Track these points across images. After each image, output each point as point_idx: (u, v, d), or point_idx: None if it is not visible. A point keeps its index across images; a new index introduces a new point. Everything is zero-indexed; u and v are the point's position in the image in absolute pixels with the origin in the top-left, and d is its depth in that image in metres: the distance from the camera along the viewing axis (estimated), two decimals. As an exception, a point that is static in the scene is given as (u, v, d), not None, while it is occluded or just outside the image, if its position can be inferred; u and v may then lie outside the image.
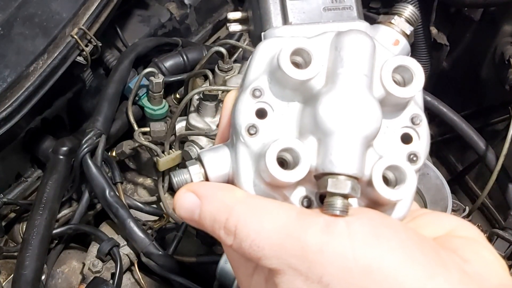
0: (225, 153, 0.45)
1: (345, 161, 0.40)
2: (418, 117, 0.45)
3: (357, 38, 0.43)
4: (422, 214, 0.46)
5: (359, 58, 0.42)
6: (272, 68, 0.44)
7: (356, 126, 0.40)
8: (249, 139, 0.43)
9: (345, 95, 0.41)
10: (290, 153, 0.41)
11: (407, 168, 0.41)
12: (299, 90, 0.44)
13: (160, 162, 1.10)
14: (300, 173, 0.40)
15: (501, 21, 1.32)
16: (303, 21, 0.48)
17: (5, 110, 0.97)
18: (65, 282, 1.04)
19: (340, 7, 0.49)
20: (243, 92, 0.44)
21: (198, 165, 0.45)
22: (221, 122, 0.49)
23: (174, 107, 1.22)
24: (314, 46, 0.42)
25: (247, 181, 0.43)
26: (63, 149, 1.07)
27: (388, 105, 0.43)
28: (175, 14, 1.41)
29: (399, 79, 0.44)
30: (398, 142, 0.45)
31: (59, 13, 1.06)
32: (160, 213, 1.11)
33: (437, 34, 1.45)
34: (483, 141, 1.09)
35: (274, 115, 0.44)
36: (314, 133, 0.42)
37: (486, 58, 1.37)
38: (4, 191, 1.12)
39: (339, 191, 0.39)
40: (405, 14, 0.50)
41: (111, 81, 1.15)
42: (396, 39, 0.49)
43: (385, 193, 0.40)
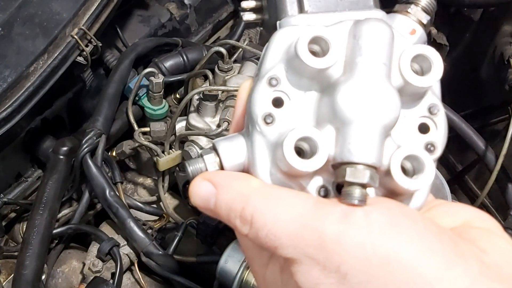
0: (240, 142, 0.45)
1: (363, 150, 0.39)
2: (436, 106, 0.45)
3: (376, 26, 0.42)
4: (439, 205, 0.45)
5: (377, 46, 0.42)
6: (289, 57, 0.43)
7: (375, 115, 0.40)
8: (266, 128, 0.43)
9: (363, 83, 0.40)
10: (307, 142, 0.41)
11: (426, 157, 0.41)
12: (316, 79, 0.43)
13: (160, 162, 1.10)
14: (318, 162, 0.40)
15: (500, 21, 1.32)
16: (319, 9, 0.48)
17: (5, 110, 0.97)
18: (65, 282, 1.05)
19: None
20: (259, 80, 0.44)
21: (213, 154, 0.45)
22: (236, 112, 0.49)
23: (174, 107, 1.22)
24: (332, 34, 0.42)
25: (264, 170, 0.43)
26: (63, 149, 1.07)
27: (406, 95, 0.43)
28: (175, 14, 1.41)
29: (417, 69, 0.43)
30: (416, 131, 0.45)
31: (59, 13, 1.06)
32: (160, 213, 1.11)
33: (437, 34, 1.45)
34: (483, 141, 1.09)
35: (291, 104, 0.43)
36: (332, 122, 0.41)
37: (485, 58, 1.37)
38: (4, 191, 1.12)
39: (358, 181, 0.39)
40: (422, 3, 0.50)
41: (111, 81, 1.15)
42: (413, 28, 0.49)
43: (404, 182, 0.40)
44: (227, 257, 0.96)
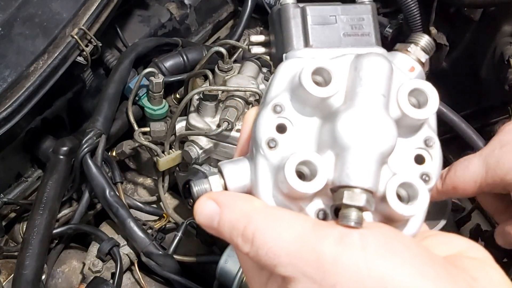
0: (244, 165, 0.47)
1: (361, 175, 0.41)
2: (432, 139, 0.47)
3: (376, 60, 0.45)
4: (433, 235, 0.47)
5: (377, 78, 0.44)
6: (294, 86, 0.46)
7: (373, 142, 0.42)
8: (269, 152, 0.45)
9: (363, 112, 0.43)
10: (308, 166, 0.43)
11: (420, 185, 0.43)
12: (318, 108, 0.46)
13: (160, 162, 1.10)
14: (317, 185, 0.42)
15: (500, 21, 1.32)
16: (324, 45, 0.50)
17: (5, 110, 0.97)
18: (65, 282, 1.05)
19: (359, 34, 0.51)
20: (265, 107, 0.46)
21: (218, 175, 0.47)
22: (241, 137, 0.52)
23: (174, 107, 1.22)
24: (335, 66, 0.45)
25: (266, 192, 0.45)
26: (63, 149, 1.07)
27: (403, 126, 0.45)
28: (175, 14, 1.41)
29: (414, 102, 0.46)
30: (412, 162, 0.47)
31: (59, 13, 1.06)
32: (160, 213, 1.11)
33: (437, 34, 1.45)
34: (483, 141, 1.09)
35: (294, 130, 0.46)
36: (332, 148, 0.43)
37: (485, 58, 1.37)
38: (4, 191, 1.12)
39: (355, 203, 0.41)
40: (421, 43, 0.53)
41: (111, 81, 1.15)
42: (412, 66, 0.51)
43: (398, 208, 0.42)
44: (227, 257, 0.96)
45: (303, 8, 0.51)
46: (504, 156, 0.79)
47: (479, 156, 0.82)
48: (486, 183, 0.81)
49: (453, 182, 0.84)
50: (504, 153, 0.79)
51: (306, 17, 0.51)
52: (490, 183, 0.80)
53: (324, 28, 0.51)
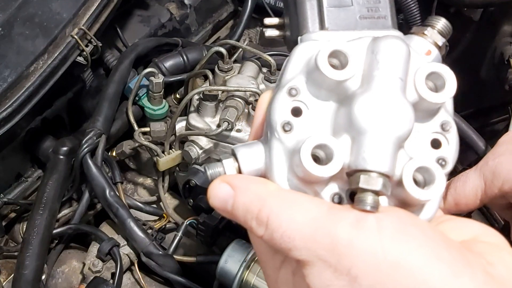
0: (259, 148, 0.46)
1: (377, 159, 0.41)
2: (448, 123, 0.47)
3: (393, 42, 0.44)
4: (448, 219, 0.47)
5: (394, 61, 0.44)
6: (309, 69, 0.45)
7: (390, 126, 0.42)
8: (284, 136, 0.44)
9: (380, 96, 0.42)
10: (323, 150, 0.42)
11: (437, 169, 0.42)
12: (334, 91, 0.45)
13: (160, 162, 1.10)
14: (333, 168, 0.41)
15: (500, 21, 1.32)
16: (339, 27, 0.49)
17: (5, 110, 0.97)
18: (65, 282, 1.05)
19: (376, 16, 0.50)
20: (280, 90, 0.46)
21: (232, 159, 0.47)
22: (255, 121, 0.51)
23: (174, 107, 1.22)
24: (351, 49, 0.44)
25: (281, 175, 0.45)
26: (64, 149, 1.07)
27: (419, 110, 0.45)
28: (175, 14, 1.40)
29: (432, 86, 0.45)
30: (428, 146, 0.46)
31: (59, 13, 1.06)
32: (160, 213, 1.11)
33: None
34: (483, 141, 1.09)
35: (309, 113, 0.45)
36: (348, 132, 0.43)
37: (485, 58, 1.37)
38: (4, 191, 1.12)
39: (371, 187, 0.40)
40: (438, 26, 0.52)
41: (111, 81, 1.15)
42: (428, 49, 0.51)
43: (415, 192, 0.41)
44: (227, 257, 0.96)
45: None
46: (498, 167, 0.80)
47: (475, 170, 0.83)
48: (486, 195, 0.82)
49: (454, 199, 0.84)
50: (498, 164, 0.80)
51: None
52: (489, 194, 0.81)
53: (340, 11, 0.50)
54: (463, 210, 0.88)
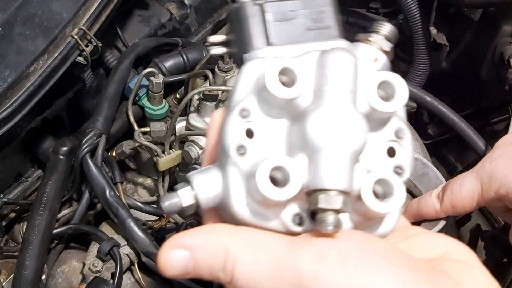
0: (214, 174, 0.45)
1: (335, 177, 0.40)
2: (402, 131, 0.46)
3: (341, 55, 0.44)
4: (416, 234, 0.46)
5: (343, 74, 0.43)
6: (259, 88, 0.44)
7: (344, 141, 0.41)
8: (239, 159, 0.43)
9: (331, 111, 0.42)
10: (280, 171, 0.41)
11: (395, 181, 0.42)
12: (286, 109, 0.44)
13: (160, 162, 1.10)
14: (291, 191, 0.40)
15: (500, 21, 1.32)
16: (285, 41, 0.48)
17: (5, 110, 0.97)
18: (65, 282, 1.05)
19: (321, 27, 0.49)
20: (231, 112, 0.44)
21: (188, 187, 0.45)
22: (208, 143, 0.49)
23: (174, 107, 1.22)
24: (299, 65, 0.43)
25: (239, 201, 0.43)
26: (63, 149, 1.07)
27: (372, 120, 0.44)
28: (175, 14, 1.41)
29: (383, 95, 0.45)
30: (384, 155, 0.46)
31: (59, 13, 1.06)
32: (160, 213, 1.11)
33: (437, 34, 1.45)
34: (483, 141, 1.09)
35: (263, 134, 0.44)
36: (303, 150, 0.42)
37: (485, 58, 1.37)
38: (4, 191, 1.11)
39: (331, 207, 0.40)
40: (383, 31, 0.51)
41: (111, 81, 1.15)
42: (376, 56, 0.50)
43: (375, 206, 0.41)
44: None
45: (262, 6, 0.49)
46: (495, 171, 0.80)
47: (471, 173, 0.83)
48: (482, 198, 0.82)
49: (451, 201, 0.85)
50: (494, 167, 0.80)
51: (265, 14, 0.49)
52: (486, 197, 0.81)
53: (284, 24, 0.49)
54: (459, 212, 0.88)
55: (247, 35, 0.49)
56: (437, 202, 0.87)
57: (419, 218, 0.93)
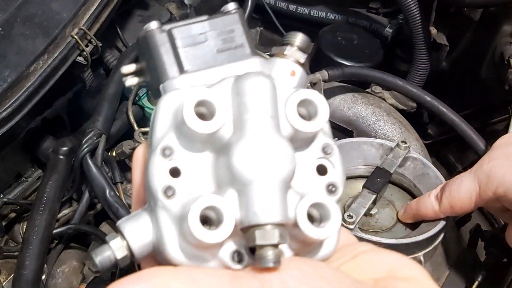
0: (145, 220, 0.43)
1: (268, 210, 0.39)
2: (329, 146, 0.45)
3: (256, 81, 0.42)
4: (362, 253, 0.45)
5: (261, 101, 0.42)
6: (178, 123, 0.42)
7: (273, 171, 0.40)
8: (168, 202, 0.41)
9: (255, 141, 0.40)
10: (212, 210, 0.40)
11: (329, 203, 0.41)
12: (209, 142, 0.42)
13: (160, 162, 1.09)
14: (225, 231, 0.39)
15: (500, 21, 1.31)
16: (199, 67, 0.46)
17: (5, 110, 0.97)
18: (66, 282, 1.05)
19: (233, 47, 0.48)
20: (153, 153, 0.42)
21: (119, 238, 0.43)
22: (134, 184, 0.48)
23: (174, 107, 1.22)
24: (216, 95, 0.42)
25: (173, 246, 0.41)
26: (63, 149, 1.07)
27: (297, 141, 0.43)
28: (175, 14, 1.41)
29: (304, 113, 0.44)
30: (314, 174, 0.45)
31: (59, 13, 1.06)
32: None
33: (437, 34, 1.45)
34: (483, 141, 1.09)
35: (189, 171, 0.42)
36: (232, 185, 0.41)
37: (485, 58, 1.36)
38: (4, 191, 1.12)
39: (268, 242, 0.38)
40: (296, 42, 0.49)
41: (111, 81, 1.15)
42: (292, 69, 0.48)
43: (312, 233, 0.40)
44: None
45: (170, 32, 0.47)
46: (492, 171, 0.80)
47: (469, 173, 0.83)
48: (481, 198, 0.82)
49: (450, 202, 0.85)
50: (492, 167, 0.80)
51: (175, 41, 0.47)
52: (484, 197, 0.81)
53: (195, 49, 0.47)
54: (458, 213, 0.88)
55: (160, 65, 0.47)
56: (435, 203, 0.87)
57: (418, 219, 0.93)
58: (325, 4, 1.56)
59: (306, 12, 1.56)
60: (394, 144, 1.01)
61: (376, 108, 1.19)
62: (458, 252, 1.01)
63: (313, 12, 1.56)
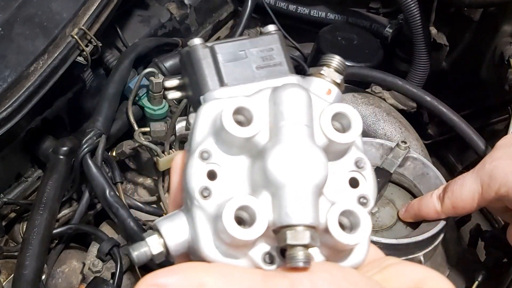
0: (181, 220, 0.45)
1: (300, 212, 0.41)
2: (362, 160, 0.47)
3: (293, 91, 0.45)
4: (390, 266, 0.46)
5: (297, 110, 0.44)
6: (216, 129, 0.45)
7: (306, 176, 0.42)
8: (204, 202, 0.43)
9: (290, 147, 0.42)
10: (246, 211, 0.42)
11: (361, 211, 0.42)
12: (245, 147, 0.45)
13: (160, 162, 1.10)
14: (258, 230, 0.41)
15: (500, 21, 1.32)
16: (239, 81, 0.49)
17: (5, 110, 0.97)
18: (65, 282, 1.05)
19: (272, 64, 0.50)
20: (192, 156, 0.45)
21: (156, 235, 0.45)
22: (172, 187, 0.50)
23: (174, 107, 1.22)
24: (254, 103, 0.44)
25: (208, 244, 0.43)
26: (63, 149, 1.07)
27: (331, 152, 0.45)
28: (175, 14, 1.41)
29: (338, 126, 0.46)
30: (347, 186, 0.46)
31: (59, 13, 1.06)
32: (160, 213, 1.11)
33: (437, 34, 1.45)
34: (483, 141, 1.09)
35: (225, 174, 0.45)
36: (266, 188, 0.42)
37: (485, 58, 1.37)
38: (4, 191, 1.12)
39: (299, 242, 0.40)
40: (333, 64, 0.52)
41: (111, 81, 1.15)
42: (328, 88, 0.51)
43: (343, 238, 0.41)
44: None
45: (212, 48, 0.50)
46: (495, 171, 0.80)
47: (472, 173, 0.83)
48: (483, 199, 0.82)
49: (452, 202, 0.85)
50: (494, 167, 0.80)
51: (216, 55, 0.50)
52: (486, 198, 0.81)
53: (236, 65, 0.50)
54: (460, 213, 0.88)
55: (201, 78, 0.50)
56: (437, 203, 0.87)
57: (419, 219, 0.93)
58: (325, 4, 1.56)
59: (306, 12, 1.56)
60: (394, 144, 1.01)
61: (376, 108, 1.19)
62: (458, 252, 1.01)
63: (313, 12, 1.56)
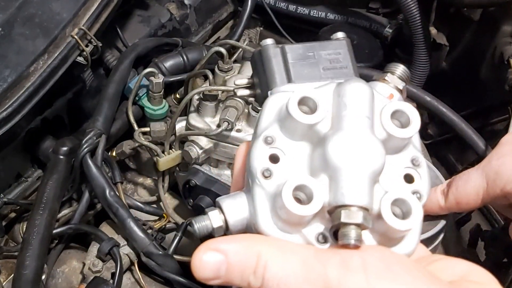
0: (242, 198, 0.49)
1: (355, 193, 0.43)
2: (418, 159, 0.50)
3: (357, 85, 0.48)
4: (436, 260, 0.48)
5: (360, 102, 0.47)
6: (282, 117, 0.48)
7: (363, 161, 0.44)
8: (265, 182, 0.47)
9: (351, 134, 0.45)
10: (303, 191, 0.45)
11: (413, 201, 0.44)
12: (307, 135, 0.48)
13: (160, 162, 1.10)
14: (315, 207, 0.43)
15: (500, 21, 1.32)
16: (305, 79, 0.53)
17: (5, 110, 0.97)
18: (65, 282, 1.05)
19: (338, 67, 0.54)
20: (256, 139, 0.49)
21: (217, 210, 0.49)
22: (235, 171, 0.54)
23: (174, 107, 1.22)
24: (319, 94, 0.47)
25: (266, 221, 0.46)
26: (64, 149, 1.07)
27: (388, 147, 0.47)
28: (175, 14, 1.41)
29: (397, 123, 0.48)
30: (402, 181, 0.49)
31: (60, 13, 1.06)
32: (160, 213, 1.11)
33: (437, 34, 1.45)
34: (483, 141, 1.09)
35: (286, 159, 0.48)
36: (324, 171, 0.45)
37: (485, 58, 1.37)
38: (4, 191, 1.12)
39: (352, 221, 0.42)
40: (397, 72, 0.56)
41: (111, 81, 1.15)
42: (390, 93, 0.55)
43: (395, 223, 0.43)
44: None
45: (283, 48, 0.54)
46: (501, 167, 0.80)
47: (477, 169, 0.83)
48: (488, 195, 0.82)
49: (456, 197, 0.85)
50: (501, 164, 0.80)
51: (286, 55, 0.53)
52: (491, 194, 0.81)
53: (304, 64, 0.53)
54: (464, 209, 0.88)
55: (270, 74, 0.54)
56: (441, 197, 0.87)
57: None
58: (325, 4, 1.56)
59: (306, 12, 1.56)
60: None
61: (376, 108, 1.19)
62: (458, 252, 1.02)
63: (313, 12, 1.56)
